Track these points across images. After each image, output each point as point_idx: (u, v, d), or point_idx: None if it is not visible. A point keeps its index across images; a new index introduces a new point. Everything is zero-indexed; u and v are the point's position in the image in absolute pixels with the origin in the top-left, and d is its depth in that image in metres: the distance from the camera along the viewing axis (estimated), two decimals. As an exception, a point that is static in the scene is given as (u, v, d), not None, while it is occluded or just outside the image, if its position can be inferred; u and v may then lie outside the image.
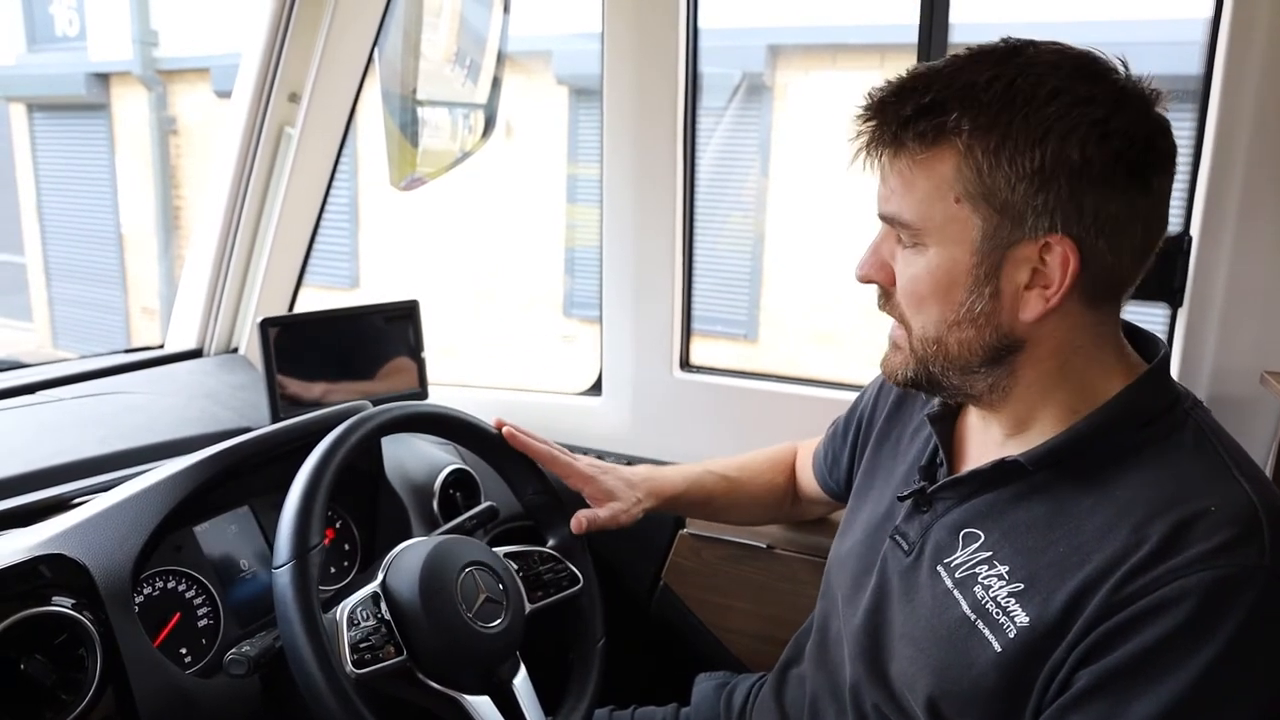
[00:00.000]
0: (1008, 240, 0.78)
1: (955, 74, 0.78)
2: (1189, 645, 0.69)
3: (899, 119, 0.79)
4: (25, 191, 8.46)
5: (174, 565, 1.05)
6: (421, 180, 1.67)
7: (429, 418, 1.12)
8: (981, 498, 0.87)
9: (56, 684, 0.88)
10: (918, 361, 0.86)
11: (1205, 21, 1.28)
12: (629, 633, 1.50)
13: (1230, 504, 0.73)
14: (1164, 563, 0.72)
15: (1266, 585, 0.69)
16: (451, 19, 1.64)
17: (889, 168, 0.82)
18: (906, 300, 0.85)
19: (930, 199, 0.79)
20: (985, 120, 0.76)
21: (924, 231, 0.80)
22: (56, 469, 1.24)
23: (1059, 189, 0.75)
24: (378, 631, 0.93)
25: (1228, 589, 0.69)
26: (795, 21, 5.31)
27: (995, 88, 0.76)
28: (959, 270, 0.80)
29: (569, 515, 1.16)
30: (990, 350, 0.82)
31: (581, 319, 6.20)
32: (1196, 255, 1.32)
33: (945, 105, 0.77)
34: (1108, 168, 0.75)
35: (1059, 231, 0.76)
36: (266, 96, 1.65)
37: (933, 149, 0.78)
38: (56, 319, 8.66)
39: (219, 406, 1.55)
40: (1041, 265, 0.78)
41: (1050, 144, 0.74)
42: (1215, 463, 0.78)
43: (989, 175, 0.76)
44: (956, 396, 0.89)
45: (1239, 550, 0.70)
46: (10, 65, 8.48)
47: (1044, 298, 0.79)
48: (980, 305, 0.80)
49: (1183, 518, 0.73)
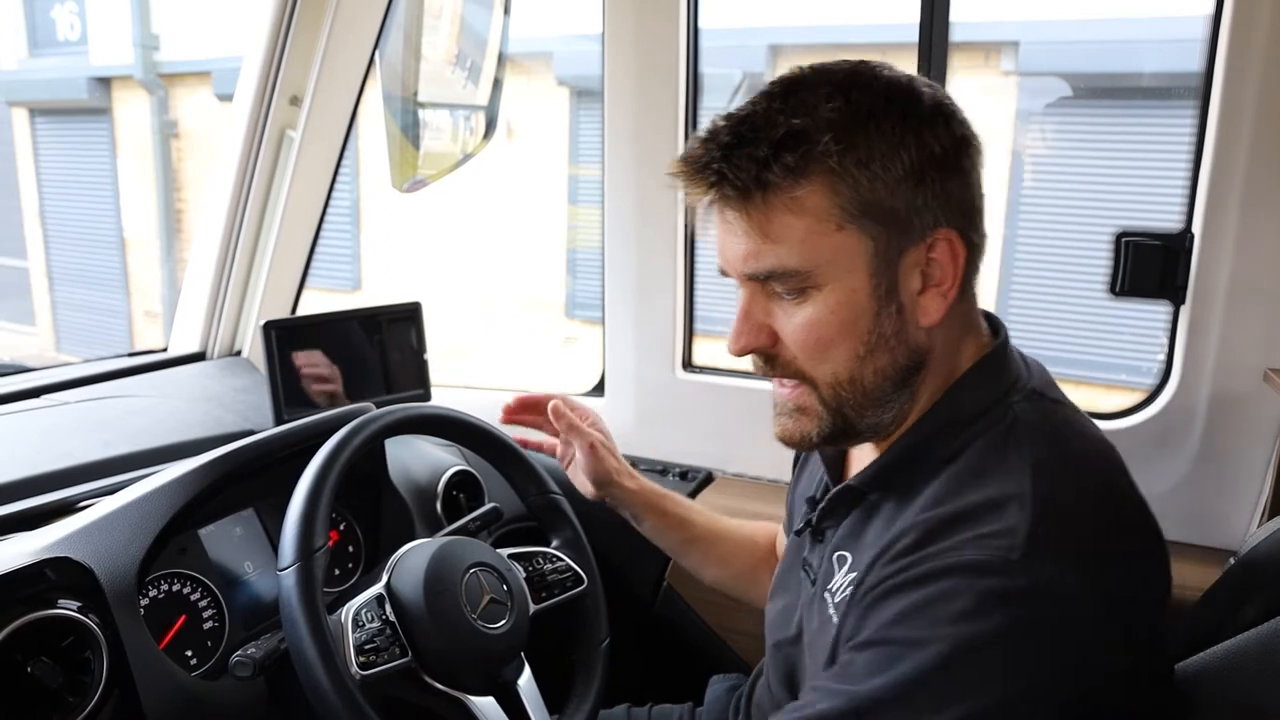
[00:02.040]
0: (899, 249, 0.77)
1: (790, 105, 0.76)
2: (923, 621, 0.69)
3: (756, 161, 0.74)
4: (28, 196, 8.48)
5: (179, 568, 1.06)
6: (423, 182, 1.67)
7: (432, 419, 1.12)
8: (845, 521, 0.88)
9: (63, 686, 0.88)
10: (831, 413, 0.82)
11: (1206, 18, 1.28)
12: (634, 633, 1.50)
13: (1001, 500, 0.72)
14: (923, 549, 0.72)
15: (1011, 579, 0.68)
16: (452, 21, 1.64)
17: (751, 220, 0.76)
18: (806, 352, 0.80)
19: (812, 235, 0.75)
20: (847, 137, 0.74)
21: (813, 273, 0.77)
22: (61, 473, 1.24)
23: (931, 183, 0.75)
24: (382, 633, 0.93)
25: (970, 574, 0.69)
26: (796, 21, 5.32)
27: (837, 104, 0.75)
28: (860, 299, 0.77)
29: (571, 516, 1.16)
30: (901, 372, 0.80)
31: (584, 320, 6.20)
32: (1199, 252, 1.32)
33: (805, 131, 0.74)
34: (958, 155, 0.77)
35: (942, 225, 0.77)
36: (268, 100, 1.65)
37: (804, 180, 0.74)
38: (59, 323, 8.67)
39: (222, 409, 1.55)
40: (929, 266, 0.78)
41: (912, 143, 0.75)
42: (1011, 458, 0.75)
43: (868, 189, 0.75)
44: (868, 438, 0.85)
45: (992, 540, 0.70)
46: (12, 70, 8.50)
47: (941, 295, 0.78)
48: (890, 326, 0.78)
49: (956, 511, 0.73)
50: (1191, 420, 1.36)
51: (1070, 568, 0.69)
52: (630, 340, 1.69)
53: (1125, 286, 1.37)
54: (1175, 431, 1.38)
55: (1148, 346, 4.12)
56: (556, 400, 1.25)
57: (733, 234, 0.79)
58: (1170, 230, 1.35)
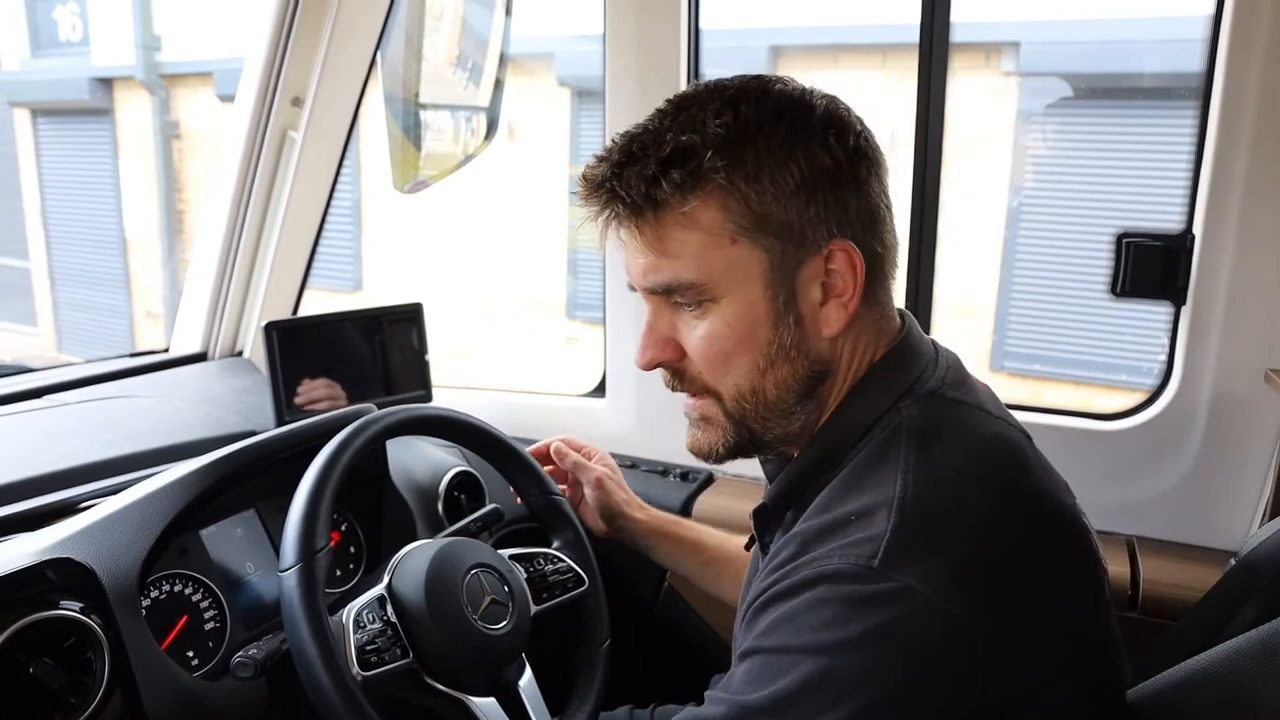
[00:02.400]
0: (795, 261, 0.77)
1: (679, 122, 0.77)
2: (790, 629, 0.70)
3: (645, 179, 0.75)
4: (30, 196, 8.48)
5: (180, 569, 1.06)
6: (425, 183, 1.67)
7: (433, 420, 1.12)
8: (774, 536, 0.89)
9: (64, 687, 0.88)
10: (736, 424, 0.83)
11: (1207, 18, 1.28)
12: (635, 633, 1.50)
13: (869, 510, 0.72)
14: (793, 562, 0.73)
15: (868, 586, 0.68)
16: (453, 22, 1.64)
17: (644, 236, 0.78)
18: (709, 364, 0.81)
19: (706, 249, 0.76)
20: (734, 152, 0.75)
21: (709, 285, 0.77)
22: (63, 473, 1.24)
23: (824, 196, 0.76)
24: (384, 634, 0.93)
25: (831, 583, 0.69)
26: (797, 22, 5.32)
27: (725, 119, 0.76)
28: (757, 311, 0.78)
29: (573, 517, 1.17)
30: (804, 383, 0.81)
31: (585, 320, 6.20)
32: (1199, 253, 1.32)
33: (692, 148, 0.75)
34: (852, 165, 0.77)
35: (837, 236, 0.77)
36: (270, 101, 1.65)
37: (693, 196, 0.75)
38: (61, 324, 8.68)
39: (224, 410, 1.55)
40: (828, 276, 0.78)
41: (801, 156, 0.75)
42: (887, 467, 0.75)
43: (758, 202, 0.75)
44: (775, 449, 0.86)
45: (853, 550, 0.70)
46: (14, 70, 8.50)
47: (842, 305, 0.79)
48: (789, 337, 0.79)
49: (826, 524, 0.74)
50: (1192, 421, 1.36)
51: (930, 573, 0.68)
52: (631, 341, 1.68)
53: (1126, 287, 1.38)
54: (1176, 432, 1.38)
55: (1149, 347, 4.12)
56: (558, 442, 1.28)
57: (631, 249, 0.80)
58: (1171, 231, 1.35)
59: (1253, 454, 1.33)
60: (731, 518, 1.51)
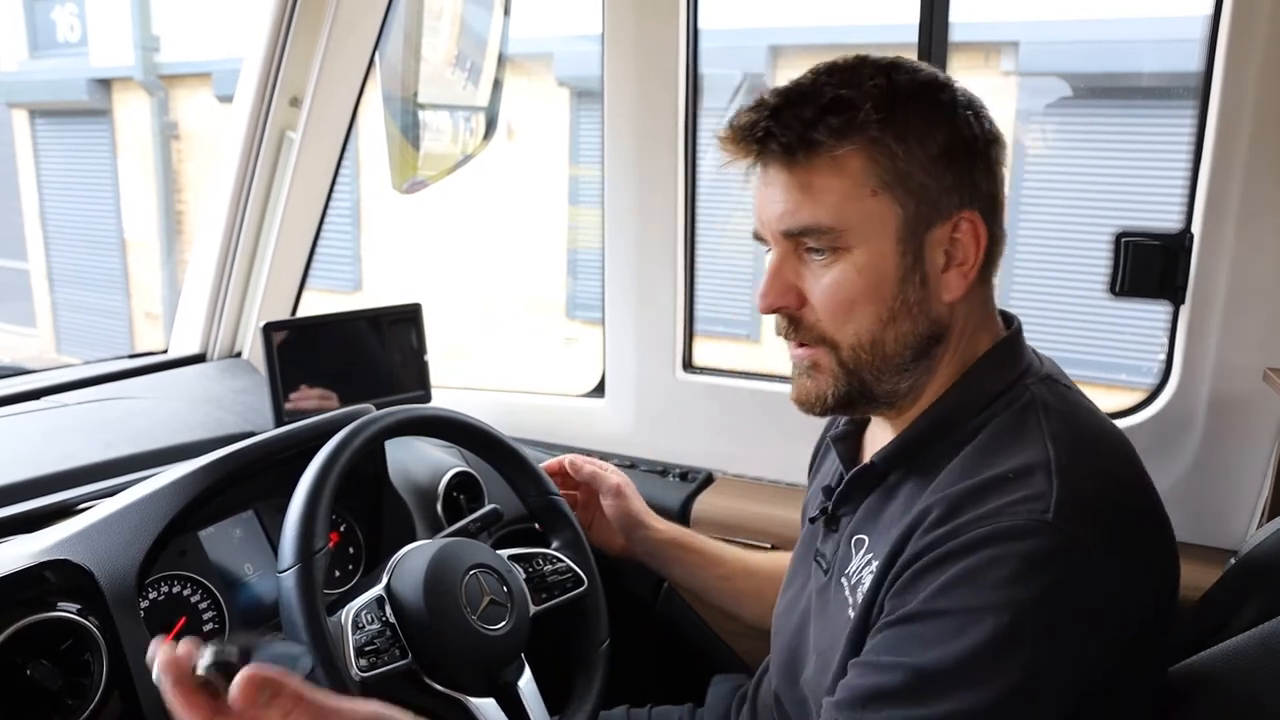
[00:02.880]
0: (926, 223, 0.80)
1: (835, 79, 0.80)
2: (969, 590, 0.71)
3: (803, 121, 0.79)
4: (28, 197, 8.48)
5: (179, 570, 1.06)
6: (423, 183, 1.67)
7: (432, 421, 1.12)
8: (863, 505, 0.89)
9: (63, 689, 0.88)
10: (849, 375, 0.84)
11: (1205, 18, 1.28)
12: (635, 634, 1.50)
13: (1026, 468, 0.74)
14: (954, 520, 0.74)
15: (1045, 534, 0.70)
16: (452, 22, 1.64)
17: (792, 176, 0.80)
18: (831, 312, 0.82)
19: (848, 197, 0.79)
20: (888, 110, 0.78)
21: (845, 232, 0.80)
22: (61, 474, 1.24)
23: (960, 166, 0.80)
24: (383, 635, 0.93)
25: (1007, 538, 0.70)
26: (796, 22, 5.32)
27: (879, 82, 0.79)
28: (887, 264, 0.81)
29: (572, 517, 1.16)
30: (922, 341, 0.83)
31: (584, 321, 6.20)
32: (1198, 252, 1.32)
33: (850, 100, 0.78)
34: (988, 145, 0.82)
35: (967, 207, 0.81)
36: (268, 101, 1.65)
37: (846, 142, 0.78)
38: (60, 325, 8.68)
39: (223, 411, 1.55)
40: (952, 245, 0.81)
41: (945, 126, 0.79)
42: (1031, 432, 0.78)
43: (903, 161, 0.79)
44: (882, 406, 0.87)
45: (1023, 505, 0.72)
46: (12, 71, 8.50)
47: (962, 274, 0.82)
48: (913, 294, 0.82)
49: (981, 483, 0.75)
50: (1191, 420, 1.36)
51: (1096, 530, 0.71)
52: (630, 341, 1.69)
53: (1125, 286, 1.37)
54: (1175, 431, 1.38)
55: (1148, 346, 4.12)
56: (572, 456, 1.28)
57: (772, 191, 0.82)
58: (1170, 230, 1.35)
59: (1252, 453, 1.33)
60: (731, 518, 1.51)
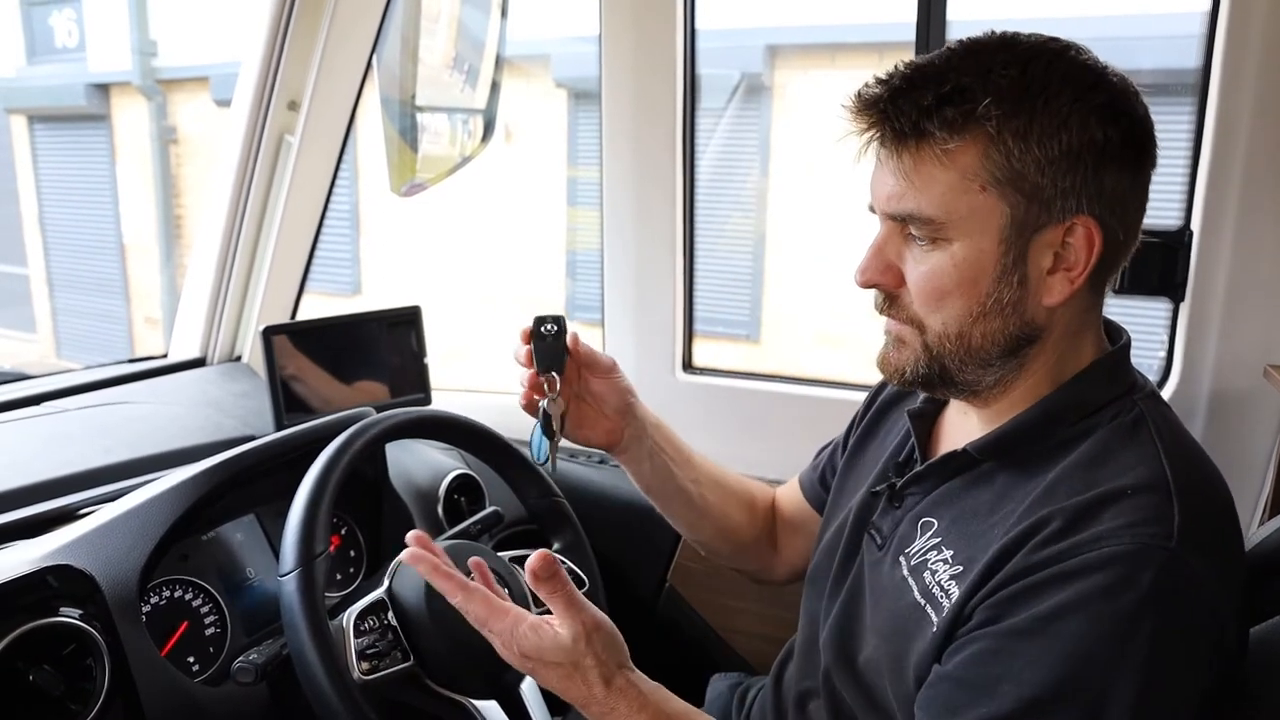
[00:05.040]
0: (1035, 225, 0.78)
1: (966, 63, 0.77)
2: (1086, 615, 0.70)
3: (919, 108, 0.76)
4: (27, 203, 8.48)
5: (180, 574, 1.06)
6: (422, 186, 1.67)
7: (432, 423, 1.12)
8: (939, 489, 0.89)
9: (65, 694, 0.88)
10: (931, 358, 0.84)
11: (1203, 15, 1.28)
12: (635, 634, 1.49)
13: (1147, 486, 0.74)
14: (1073, 536, 0.73)
15: (1168, 564, 0.69)
16: (449, 24, 1.64)
17: (901, 162, 0.79)
18: (924, 298, 0.82)
19: (954, 190, 0.77)
20: (1011, 105, 0.75)
21: (947, 225, 0.78)
22: (62, 480, 1.24)
23: (1085, 170, 0.76)
24: (384, 637, 0.93)
25: (1129, 564, 0.70)
26: (793, 21, 5.32)
27: (1011, 73, 0.76)
28: (986, 261, 0.79)
29: (573, 519, 1.16)
30: (1011, 340, 0.81)
31: (584, 322, 6.19)
32: (1198, 249, 1.32)
33: (971, 91, 0.76)
34: (1123, 147, 0.77)
35: (1084, 212, 0.77)
36: (266, 105, 1.65)
37: (958, 136, 0.76)
38: (60, 330, 8.67)
39: (223, 415, 1.55)
40: (1063, 249, 0.79)
41: (1074, 125, 0.75)
42: (1145, 448, 0.77)
43: (1019, 160, 0.76)
44: (962, 393, 0.87)
45: (1145, 529, 0.71)
46: (11, 77, 8.50)
47: (1068, 280, 0.79)
48: (1008, 294, 0.80)
49: (1099, 496, 0.74)
50: (1192, 417, 1.36)
51: (1212, 562, 0.72)
52: (630, 342, 1.69)
53: (1124, 284, 1.36)
54: (1176, 429, 1.38)
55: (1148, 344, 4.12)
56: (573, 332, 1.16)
57: (883, 172, 0.81)
58: (1169, 227, 1.35)
59: (1252, 450, 1.33)
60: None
